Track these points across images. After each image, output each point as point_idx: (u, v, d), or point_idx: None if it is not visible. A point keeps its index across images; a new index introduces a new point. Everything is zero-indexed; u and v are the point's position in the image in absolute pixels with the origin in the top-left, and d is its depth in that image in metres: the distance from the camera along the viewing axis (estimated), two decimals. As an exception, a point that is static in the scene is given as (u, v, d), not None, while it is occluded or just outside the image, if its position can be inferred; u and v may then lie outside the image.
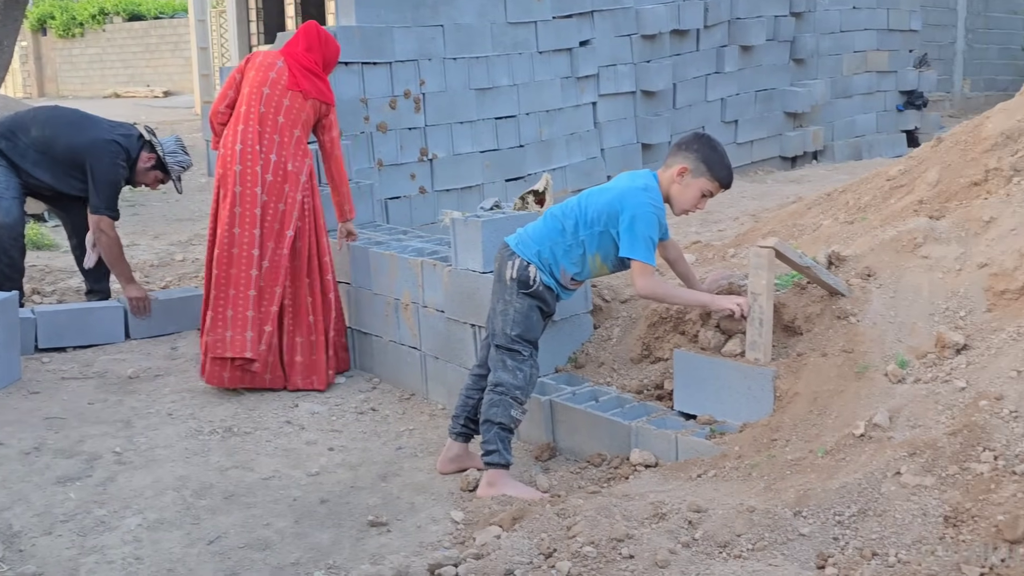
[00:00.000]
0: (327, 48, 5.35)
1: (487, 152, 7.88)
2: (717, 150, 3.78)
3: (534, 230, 3.86)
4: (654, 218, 3.69)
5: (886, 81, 12.43)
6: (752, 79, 10.43)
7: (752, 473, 3.24)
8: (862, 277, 3.75)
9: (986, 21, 19.40)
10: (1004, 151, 4.12)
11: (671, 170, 3.76)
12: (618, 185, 3.83)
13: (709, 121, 10.01)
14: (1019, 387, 2.98)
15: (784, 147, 10.94)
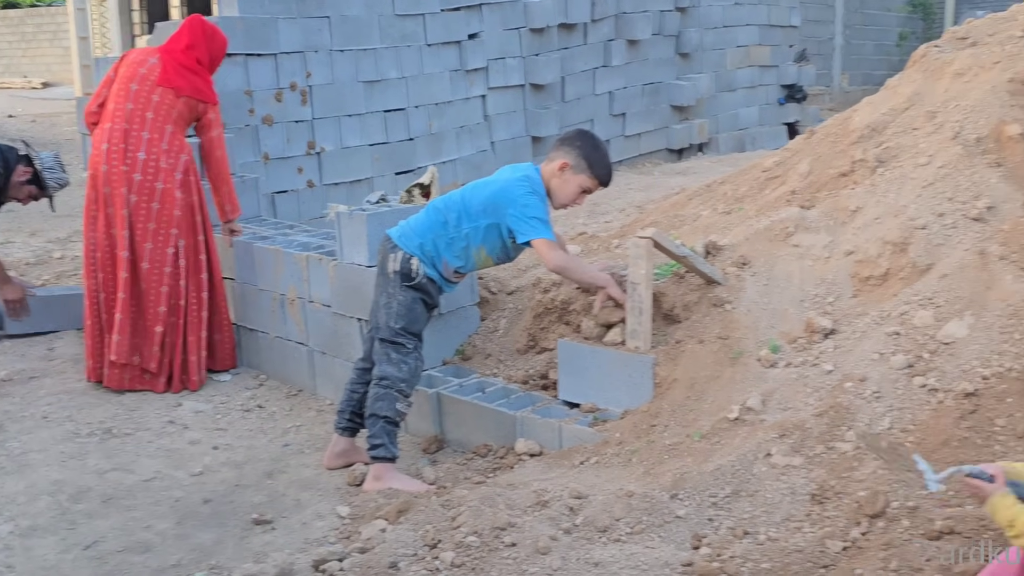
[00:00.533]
0: (213, 43, 5.22)
1: (376, 145, 7.83)
2: (599, 148, 3.85)
3: (416, 223, 3.86)
4: (535, 197, 3.73)
5: (768, 75, 12.79)
6: (639, 73, 10.61)
7: (632, 459, 3.32)
8: (737, 265, 3.87)
9: (862, 18, 20.16)
10: (870, 143, 4.30)
11: (553, 164, 3.81)
12: (500, 178, 3.86)
13: (597, 114, 10.15)
14: (881, 369, 3.13)
15: (671, 139, 11.16)
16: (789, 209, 4.07)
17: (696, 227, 4.68)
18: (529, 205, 3.71)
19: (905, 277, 3.47)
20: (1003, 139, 3.78)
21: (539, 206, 3.73)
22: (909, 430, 2.91)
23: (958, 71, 4.35)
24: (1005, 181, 3.60)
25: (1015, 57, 4.19)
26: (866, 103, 4.67)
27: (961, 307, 3.19)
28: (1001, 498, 2.15)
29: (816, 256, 3.80)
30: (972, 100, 4.04)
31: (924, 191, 3.70)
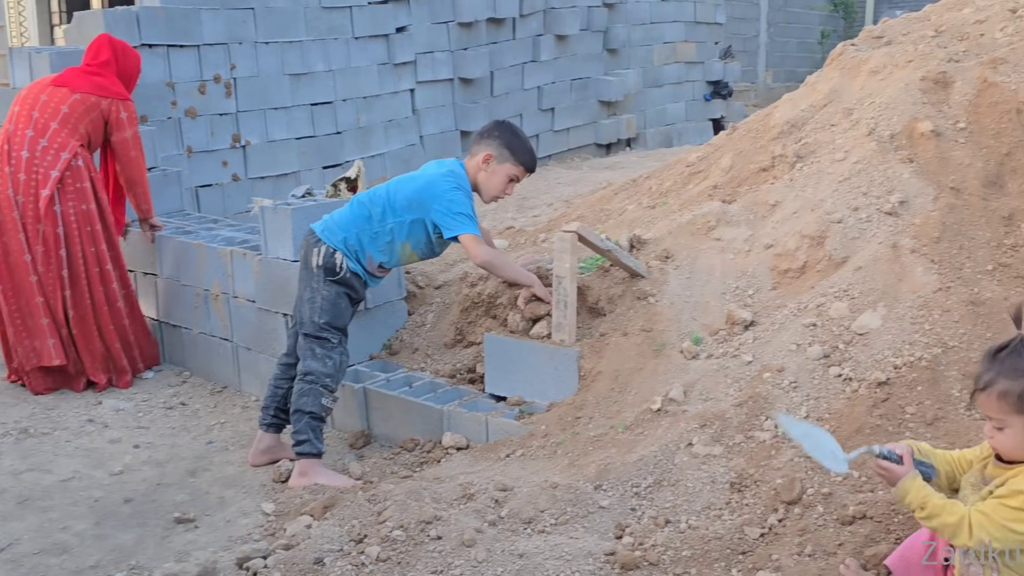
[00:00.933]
0: (125, 61, 5.02)
1: (303, 139, 7.74)
2: (519, 136, 3.87)
3: (340, 217, 3.83)
4: (461, 192, 3.74)
5: (694, 71, 12.96)
6: (567, 68, 10.66)
7: (557, 450, 3.35)
8: (661, 259, 3.92)
9: (786, 16, 20.55)
10: (789, 139, 4.39)
11: (476, 158, 3.82)
12: (426, 173, 3.86)
13: (526, 109, 10.18)
14: (798, 359, 3.20)
15: (599, 134, 11.24)
16: (711, 203, 4.14)
17: (621, 221, 4.73)
18: (455, 200, 3.72)
19: (822, 270, 3.55)
20: (915, 136, 3.90)
21: (465, 202, 3.74)
22: (825, 419, 2.99)
23: (873, 69, 4.47)
24: (917, 176, 3.71)
25: (927, 56, 4.31)
26: (786, 100, 4.77)
27: (875, 299, 3.28)
28: (911, 480, 2.21)
29: (737, 249, 3.87)
30: (886, 98, 4.15)
31: (840, 186, 3.80)
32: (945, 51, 4.35)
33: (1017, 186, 3.70)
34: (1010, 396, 2.03)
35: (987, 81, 4.02)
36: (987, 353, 2.13)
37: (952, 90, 4.10)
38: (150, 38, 6.50)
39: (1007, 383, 2.03)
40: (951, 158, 3.80)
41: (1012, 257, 3.41)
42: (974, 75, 4.09)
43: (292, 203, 4.50)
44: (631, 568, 2.66)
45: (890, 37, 4.91)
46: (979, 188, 3.67)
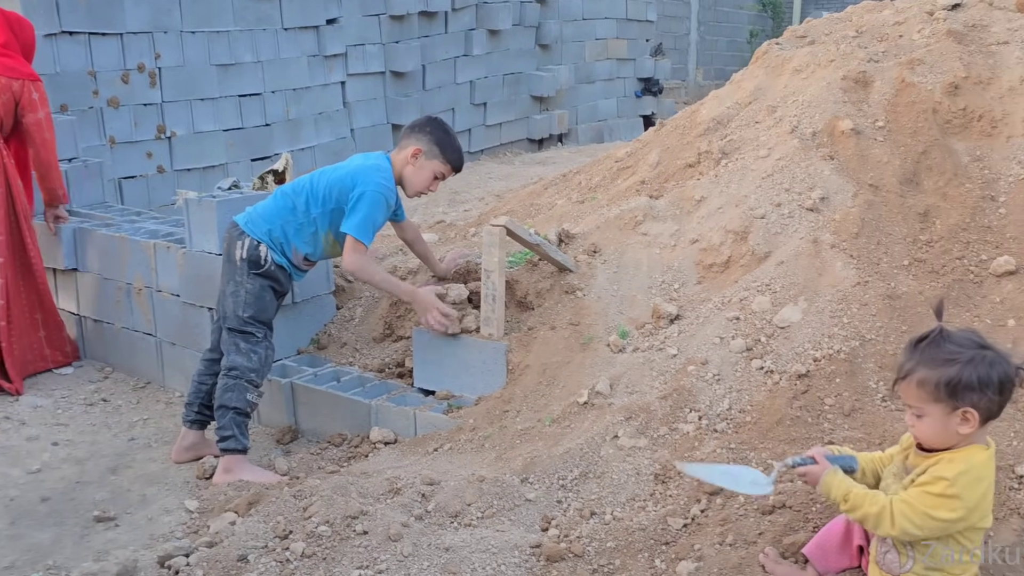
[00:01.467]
0: (23, 34, 4.82)
1: (231, 131, 7.63)
2: (449, 133, 3.86)
3: (264, 208, 3.78)
4: (382, 199, 3.70)
5: (625, 68, 13.08)
6: (500, 63, 10.68)
7: (485, 444, 3.36)
8: (589, 253, 3.95)
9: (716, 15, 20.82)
10: (715, 135, 4.46)
11: (405, 152, 3.80)
12: (351, 163, 3.83)
13: (459, 103, 10.16)
14: (722, 352, 3.25)
15: (531, 130, 11.28)
16: (639, 199, 4.18)
17: (551, 216, 4.76)
18: (371, 201, 3.65)
19: (745, 264, 3.62)
20: (836, 134, 3.98)
21: (380, 206, 3.68)
22: (747, 410, 3.04)
23: (797, 68, 4.56)
24: (837, 173, 3.79)
25: (848, 56, 4.41)
26: (712, 97, 4.84)
27: (796, 293, 3.34)
28: (831, 476, 2.27)
29: (663, 244, 3.92)
30: (808, 96, 4.24)
31: (764, 182, 3.86)
32: (865, 51, 4.46)
33: (932, 183, 3.80)
34: (928, 384, 2.09)
35: (905, 81, 4.13)
36: (909, 343, 2.19)
37: (872, 89, 4.21)
38: (70, 25, 6.35)
39: (925, 372, 2.10)
40: (870, 156, 3.89)
41: (927, 252, 3.51)
42: (892, 75, 4.20)
43: (218, 195, 4.42)
44: (556, 560, 2.68)
45: (813, 37, 5.01)
46: (896, 185, 3.77)
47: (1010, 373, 2.06)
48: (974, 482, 2.08)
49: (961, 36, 4.36)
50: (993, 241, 3.55)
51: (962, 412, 2.07)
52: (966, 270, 3.44)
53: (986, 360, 2.06)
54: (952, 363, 2.07)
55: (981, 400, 2.06)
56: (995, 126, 3.95)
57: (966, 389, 2.06)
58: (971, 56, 4.22)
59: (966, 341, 2.09)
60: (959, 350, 2.07)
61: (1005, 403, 2.10)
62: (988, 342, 2.10)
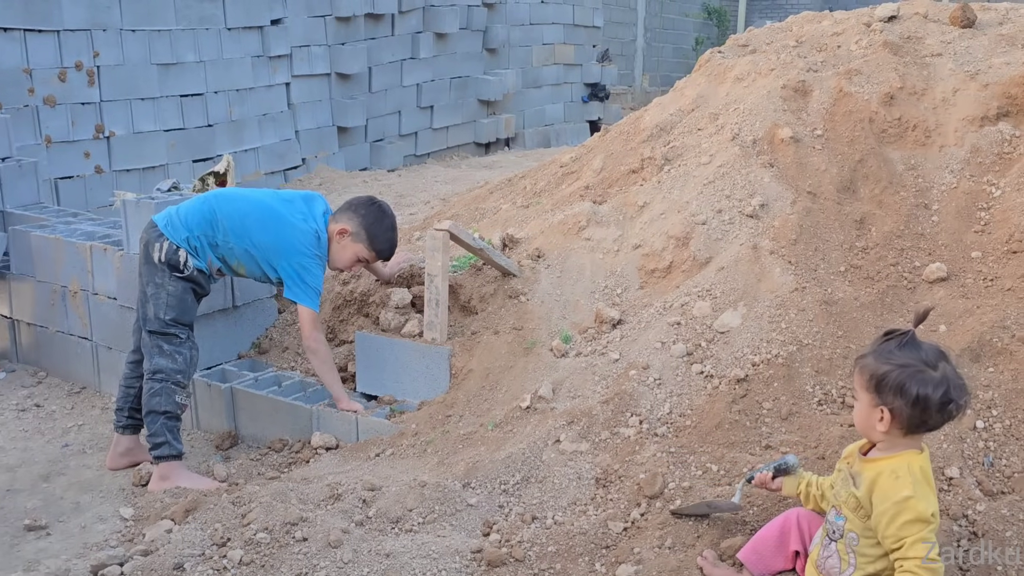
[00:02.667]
0: None
1: (172, 131, 7.52)
2: (383, 221, 3.78)
3: (187, 215, 3.70)
4: (320, 271, 3.70)
5: (572, 73, 13.15)
6: (447, 66, 10.66)
7: (427, 449, 3.34)
8: (532, 258, 3.96)
9: (662, 22, 21.03)
10: (658, 142, 4.50)
11: (335, 225, 3.75)
12: (292, 222, 3.67)
13: (405, 106, 10.13)
14: (663, 357, 3.28)
15: (478, 133, 11.29)
16: (582, 204, 4.20)
17: (496, 220, 4.76)
18: (308, 269, 3.64)
19: (687, 270, 3.65)
20: (775, 141, 4.04)
21: (317, 274, 3.67)
22: (687, 415, 3.07)
23: (738, 76, 4.62)
24: (777, 181, 3.85)
25: (788, 65, 4.48)
26: (656, 104, 4.89)
27: (735, 298, 3.39)
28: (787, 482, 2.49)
29: (607, 249, 3.94)
30: (749, 104, 4.29)
31: (705, 188, 3.91)
32: (805, 61, 4.53)
33: (869, 191, 3.88)
34: (865, 372, 2.15)
35: (843, 91, 4.21)
36: (880, 334, 2.24)
37: (811, 98, 4.28)
38: (5, 21, 6.22)
39: (871, 360, 2.16)
40: (808, 163, 3.95)
41: (863, 259, 3.57)
42: (831, 85, 4.28)
43: (157, 197, 4.35)
44: (497, 565, 2.67)
45: (755, 46, 5.08)
46: (834, 193, 3.84)
47: (933, 396, 2.07)
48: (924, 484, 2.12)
49: (897, 48, 4.46)
50: (926, 248, 3.63)
51: (880, 409, 2.13)
52: (900, 276, 3.51)
53: (920, 375, 2.09)
54: (890, 363, 2.11)
55: (894, 404, 2.11)
56: (929, 136, 4.04)
57: (887, 389, 2.11)
58: (906, 67, 4.32)
59: (925, 353, 2.13)
60: (907, 356, 2.12)
61: (927, 422, 2.11)
62: (948, 366, 2.12)
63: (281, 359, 4.33)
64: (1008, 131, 3.95)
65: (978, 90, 4.11)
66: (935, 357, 2.12)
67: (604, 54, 14.02)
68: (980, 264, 3.49)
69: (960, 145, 3.97)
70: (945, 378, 2.09)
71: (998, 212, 3.69)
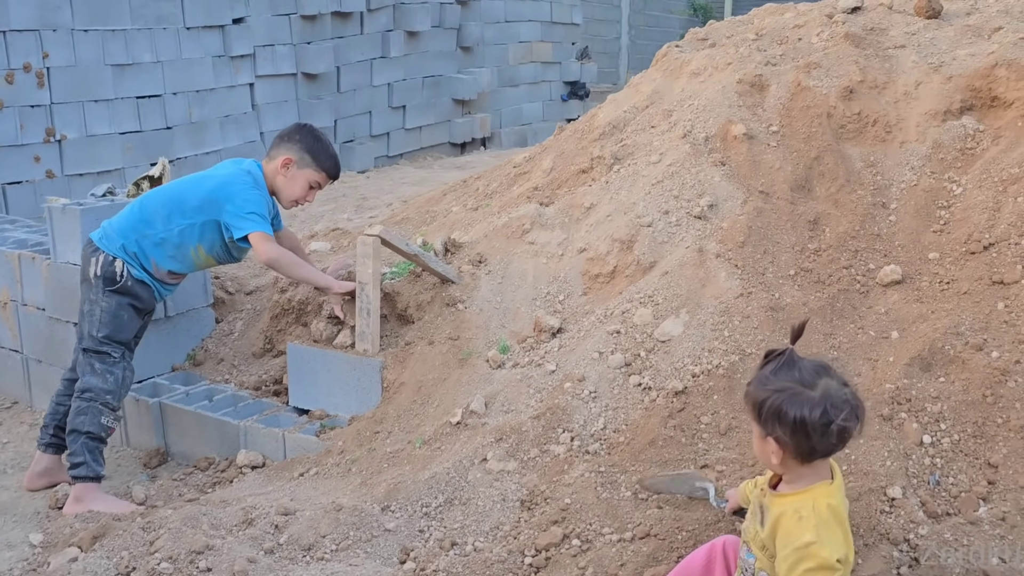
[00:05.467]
0: None
1: (128, 134, 7.32)
2: (321, 140, 3.66)
3: (119, 222, 3.54)
4: (258, 196, 3.51)
5: (550, 72, 12.96)
6: (419, 65, 10.46)
7: (352, 468, 3.16)
8: (474, 263, 3.77)
9: (646, 19, 20.85)
10: (610, 140, 4.31)
11: (275, 162, 3.59)
12: (220, 172, 3.60)
13: (375, 105, 9.93)
14: (600, 368, 3.09)
15: (453, 133, 11.09)
16: (528, 206, 4.01)
17: (444, 223, 4.57)
18: (249, 200, 3.49)
19: (631, 275, 3.47)
20: (729, 138, 3.86)
21: (259, 201, 3.51)
22: (621, 430, 2.88)
23: (694, 71, 4.43)
24: (728, 180, 3.67)
25: (746, 59, 4.30)
26: (610, 100, 4.70)
27: (678, 304, 3.20)
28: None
29: (551, 254, 3.75)
30: (704, 100, 4.11)
31: (653, 189, 3.72)
32: (763, 54, 4.35)
33: (824, 190, 3.70)
34: (748, 401, 1.98)
35: (801, 85, 4.02)
36: (764, 355, 2.04)
37: (767, 93, 4.09)
38: (-53, 22, 6.01)
39: (752, 390, 1.98)
40: (762, 161, 3.77)
41: (814, 262, 3.39)
42: (789, 79, 4.09)
43: (86, 203, 4.16)
44: (411, 597, 2.49)
45: (714, 39, 4.89)
46: (787, 192, 3.65)
47: (811, 418, 1.87)
48: (832, 524, 1.91)
49: (859, 39, 4.27)
50: (882, 249, 3.44)
51: (768, 440, 1.94)
52: (852, 279, 3.32)
53: (796, 397, 1.90)
54: (767, 389, 1.93)
55: (777, 433, 1.91)
56: (889, 131, 3.85)
57: (768, 418, 1.93)
58: (868, 60, 4.13)
59: (801, 372, 1.93)
60: (783, 379, 1.92)
61: (816, 447, 1.89)
62: (830, 382, 1.92)
63: (216, 371, 4.14)
64: (972, 126, 3.77)
65: (941, 83, 3.93)
66: (813, 374, 1.92)
67: (583, 52, 13.83)
68: (937, 266, 3.31)
69: (922, 141, 3.79)
70: (825, 396, 1.88)
71: (958, 210, 3.50)
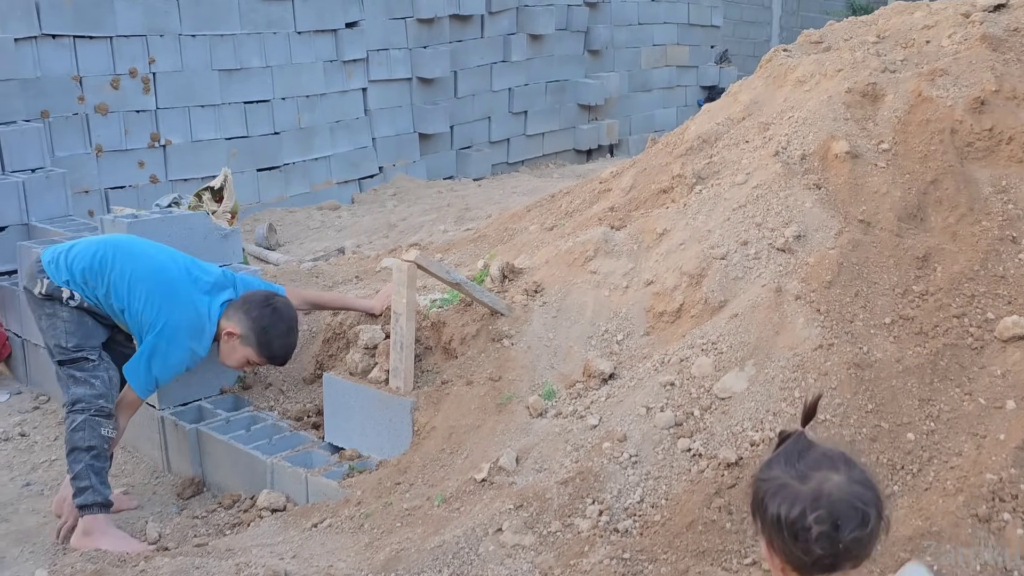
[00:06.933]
0: None
1: (235, 139, 7.27)
2: (277, 326, 3.37)
3: (75, 259, 3.34)
4: (180, 365, 3.32)
5: (687, 76, 12.38)
6: (542, 69, 10.12)
7: (364, 524, 2.82)
8: (528, 293, 3.39)
9: (800, 21, 19.84)
10: (698, 156, 3.83)
11: (225, 324, 3.36)
12: (180, 302, 3.30)
13: (495, 111, 9.65)
14: (645, 427, 2.65)
15: (577, 140, 10.69)
16: (595, 229, 3.58)
17: (515, 244, 4.20)
18: (164, 355, 3.27)
19: (697, 315, 3.00)
20: (829, 157, 3.33)
21: (172, 363, 3.29)
22: (659, 506, 2.44)
23: (800, 78, 3.91)
24: (822, 206, 3.15)
25: (859, 65, 3.75)
26: (704, 111, 4.22)
27: (744, 355, 2.72)
28: None
29: (614, 285, 3.32)
30: (806, 112, 3.59)
31: (733, 215, 3.24)
32: (881, 60, 3.79)
33: (941, 220, 3.13)
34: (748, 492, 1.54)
35: (921, 95, 3.45)
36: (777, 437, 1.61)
37: (881, 104, 3.54)
38: (53, 27, 6.07)
39: (752, 478, 1.54)
40: (866, 184, 3.23)
41: (918, 308, 2.83)
42: (908, 88, 3.53)
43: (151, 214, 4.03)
44: None
45: (829, 42, 4.34)
46: (894, 221, 3.10)
47: (788, 516, 1.44)
48: None
49: (998, 42, 3.66)
50: (1006, 295, 2.85)
51: (763, 541, 1.50)
52: (964, 331, 2.75)
53: (784, 490, 1.46)
54: (761, 477, 1.49)
55: (769, 534, 1.47)
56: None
57: (754, 513, 1.52)
58: (1006, 66, 3.52)
59: (809, 460, 1.49)
60: (782, 467, 1.48)
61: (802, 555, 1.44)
62: (833, 476, 1.45)
63: (263, 397, 3.91)
64: None
65: (1097, 95, 3.29)
66: (814, 465, 1.47)
67: (723, 55, 13.18)
68: (1074, 319, 2.70)
69: (1067, 163, 3.17)
70: (816, 493, 1.43)
71: (1108, 250, 2.88)
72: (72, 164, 6.16)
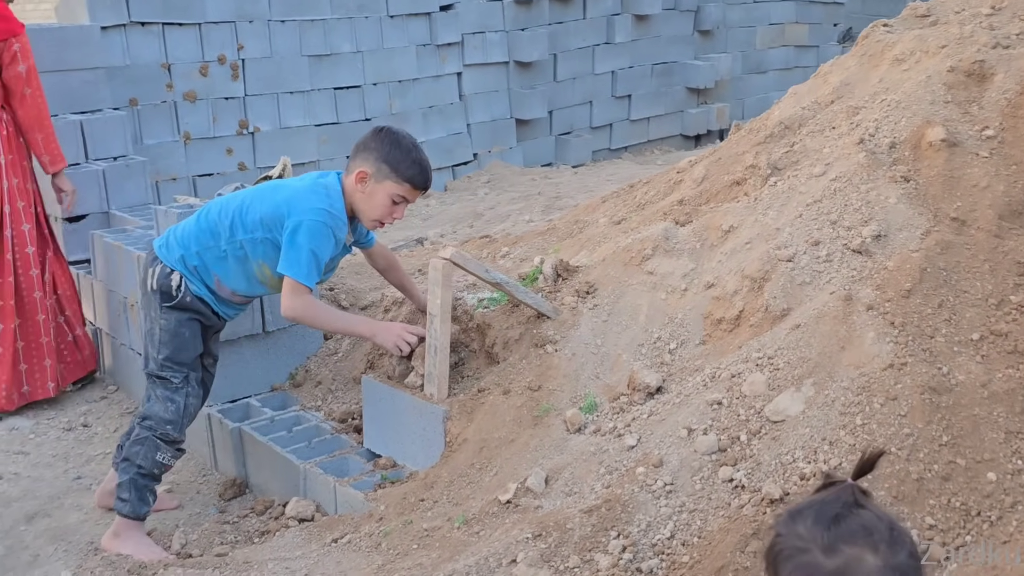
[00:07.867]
0: None
1: (324, 126, 7.20)
2: (401, 145, 3.05)
3: (182, 232, 3.18)
4: (324, 229, 2.98)
5: (806, 56, 11.74)
6: (649, 51, 9.73)
7: (381, 544, 2.63)
8: (579, 295, 3.12)
9: (937, -5, 18.72)
10: (778, 144, 3.48)
11: (350, 176, 3.07)
12: (293, 184, 3.14)
13: (597, 96, 9.33)
14: (684, 452, 2.36)
15: (685, 125, 10.26)
16: (657, 225, 3.28)
17: (580, 239, 3.93)
18: (310, 231, 2.96)
19: (756, 324, 2.68)
20: (922, 145, 2.94)
21: (321, 237, 2.98)
22: (691, 544, 2.15)
23: (898, 56, 3.50)
24: (908, 202, 2.77)
25: (967, 41, 3.32)
26: (791, 94, 3.84)
27: (803, 372, 2.39)
28: None
29: (672, 287, 3.02)
30: (900, 94, 3.19)
31: (807, 210, 2.89)
32: (992, 34, 3.34)
33: (1050, 219, 2.71)
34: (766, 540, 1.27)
35: (1036, 74, 3.02)
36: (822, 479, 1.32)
37: (989, 85, 3.11)
38: (142, 15, 6.09)
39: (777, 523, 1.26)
40: (964, 177, 2.83)
41: (1013, 323, 2.44)
42: (1022, 65, 3.09)
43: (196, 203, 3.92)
44: None
45: (938, 15, 3.87)
46: (993, 220, 2.70)
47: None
48: None
49: None
50: (1123, 309, 2.43)
51: None
52: (1068, 353, 2.36)
53: (802, 556, 1.16)
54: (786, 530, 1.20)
55: None
56: None
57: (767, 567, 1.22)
58: None
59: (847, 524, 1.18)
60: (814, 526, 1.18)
61: None
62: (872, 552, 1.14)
63: (312, 395, 3.77)
64: None
65: None
66: (852, 534, 1.16)
67: (846, 33, 12.45)
68: None
69: None
70: (842, 572, 1.13)
71: None
72: (160, 152, 6.19)
